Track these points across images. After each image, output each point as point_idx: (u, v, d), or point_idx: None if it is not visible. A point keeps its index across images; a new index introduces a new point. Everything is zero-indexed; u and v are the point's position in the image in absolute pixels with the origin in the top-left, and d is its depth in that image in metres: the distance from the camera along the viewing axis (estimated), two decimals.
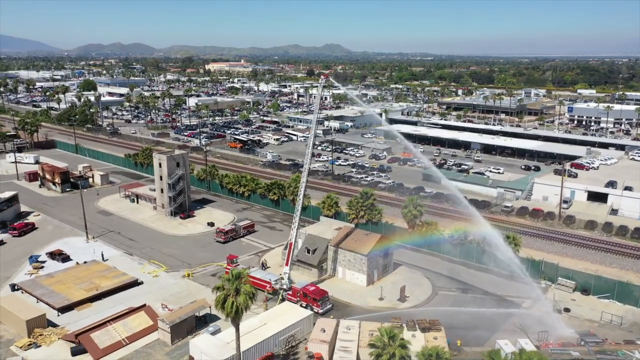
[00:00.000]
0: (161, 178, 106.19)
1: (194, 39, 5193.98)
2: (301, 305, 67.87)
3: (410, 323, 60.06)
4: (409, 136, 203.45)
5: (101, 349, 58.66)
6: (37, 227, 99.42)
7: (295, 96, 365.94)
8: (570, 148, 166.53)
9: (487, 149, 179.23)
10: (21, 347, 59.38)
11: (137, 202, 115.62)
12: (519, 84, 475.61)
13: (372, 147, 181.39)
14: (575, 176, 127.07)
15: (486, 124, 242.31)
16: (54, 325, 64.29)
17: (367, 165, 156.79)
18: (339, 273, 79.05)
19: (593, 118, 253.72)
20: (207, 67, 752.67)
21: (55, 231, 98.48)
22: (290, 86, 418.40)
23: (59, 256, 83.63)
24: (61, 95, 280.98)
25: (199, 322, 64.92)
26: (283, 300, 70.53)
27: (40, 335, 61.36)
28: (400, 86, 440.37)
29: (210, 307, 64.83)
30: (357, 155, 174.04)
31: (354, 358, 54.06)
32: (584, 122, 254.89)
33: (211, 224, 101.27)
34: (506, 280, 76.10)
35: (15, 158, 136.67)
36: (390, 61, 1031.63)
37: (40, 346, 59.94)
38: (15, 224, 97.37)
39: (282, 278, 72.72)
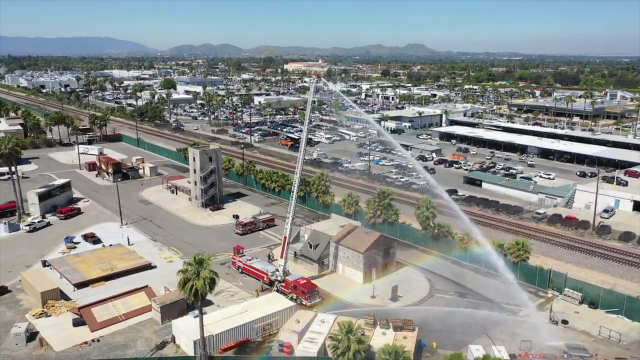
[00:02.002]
0: (195, 171, 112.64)
1: (279, 39, 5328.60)
2: (291, 297, 70.14)
3: (383, 321, 60.33)
4: (464, 138, 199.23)
5: (99, 322, 64.42)
6: (83, 212, 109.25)
7: (362, 96, 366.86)
8: (635, 155, 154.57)
9: (545, 153, 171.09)
10: (34, 315, 66.70)
11: (176, 194, 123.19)
12: (607, 85, 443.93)
13: (422, 148, 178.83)
14: (625, 184, 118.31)
15: (556, 127, 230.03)
16: (68, 299, 71.30)
17: (411, 166, 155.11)
18: (339, 269, 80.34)
19: None
20: (285, 66, 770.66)
21: (97, 216, 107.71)
22: (359, 86, 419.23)
23: (91, 238, 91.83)
24: (139, 93, 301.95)
25: (191, 305, 69.03)
26: (277, 291, 73.14)
27: (52, 306, 68.37)
28: (475, 87, 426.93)
29: None
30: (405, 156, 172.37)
31: (317, 349, 55.48)
32: None
33: (236, 217, 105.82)
34: (511, 287, 73.40)
35: (78, 149, 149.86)
36: (474, 61, 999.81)
37: (50, 316, 66.87)
38: (63, 208, 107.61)
39: (278, 270, 75.30)
